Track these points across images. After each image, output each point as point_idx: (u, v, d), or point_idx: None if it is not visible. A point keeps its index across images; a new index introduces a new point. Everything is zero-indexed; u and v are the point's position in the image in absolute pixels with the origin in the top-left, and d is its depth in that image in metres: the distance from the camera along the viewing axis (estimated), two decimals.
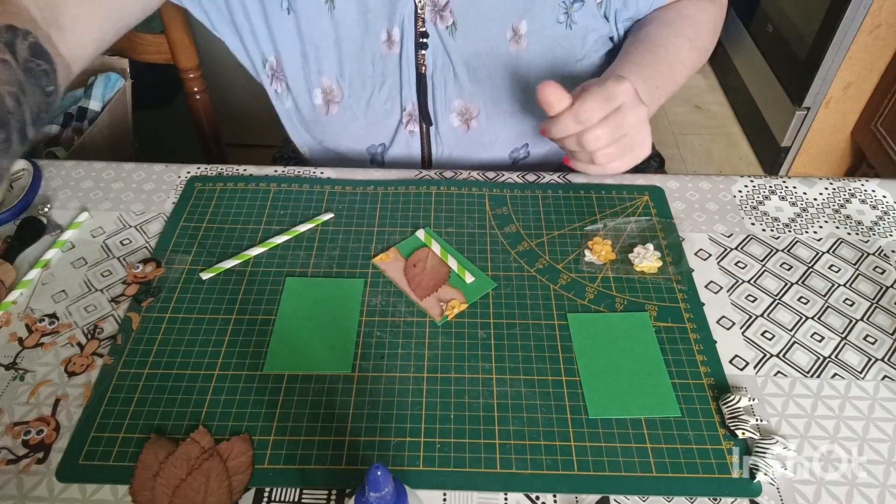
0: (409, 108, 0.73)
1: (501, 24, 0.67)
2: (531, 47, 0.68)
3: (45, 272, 0.61)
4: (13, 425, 0.49)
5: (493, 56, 0.68)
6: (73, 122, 1.06)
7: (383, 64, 0.69)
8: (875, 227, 0.66)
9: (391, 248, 0.62)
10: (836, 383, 0.53)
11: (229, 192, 0.68)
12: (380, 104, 0.72)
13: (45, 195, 0.68)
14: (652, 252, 0.61)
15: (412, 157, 0.77)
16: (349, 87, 0.71)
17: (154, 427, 0.49)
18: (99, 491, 0.46)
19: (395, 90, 0.71)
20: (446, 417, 0.50)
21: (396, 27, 0.67)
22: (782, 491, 0.46)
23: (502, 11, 0.66)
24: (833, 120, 1.75)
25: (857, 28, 1.54)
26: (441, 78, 0.70)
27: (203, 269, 0.60)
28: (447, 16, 0.66)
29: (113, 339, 0.55)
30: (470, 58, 0.69)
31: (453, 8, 0.66)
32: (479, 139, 0.75)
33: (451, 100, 0.72)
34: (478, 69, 0.69)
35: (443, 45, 0.68)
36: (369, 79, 0.70)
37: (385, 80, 0.71)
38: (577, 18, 0.68)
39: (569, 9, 0.67)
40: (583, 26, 0.69)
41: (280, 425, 0.49)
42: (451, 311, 0.57)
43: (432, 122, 0.74)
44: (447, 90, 0.71)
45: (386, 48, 0.68)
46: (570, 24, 0.67)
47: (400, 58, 0.69)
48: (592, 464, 0.47)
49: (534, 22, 0.67)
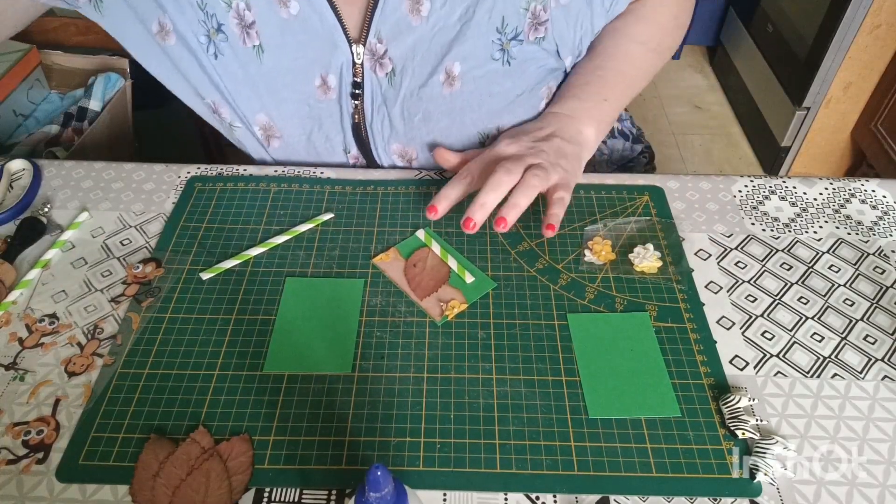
0: (354, 153, 0.73)
1: (434, 67, 0.64)
2: (465, 87, 0.65)
3: (45, 272, 0.61)
4: (13, 425, 0.49)
5: (427, 99, 0.66)
6: (73, 122, 1.06)
7: (319, 108, 0.68)
8: (875, 227, 0.66)
9: (391, 249, 0.62)
10: (836, 383, 0.53)
11: (229, 192, 0.68)
12: (320, 143, 0.71)
13: (45, 195, 0.68)
14: (652, 252, 0.61)
15: None
16: (287, 125, 0.70)
17: (154, 427, 0.49)
18: (99, 491, 0.46)
19: (335, 133, 0.70)
20: (446, 417, 0.50)
21: (333, 74, 0.66)
22: (782, 491, 0.46)
23: (437, 54, 0.64)
24: (833, 120, 1.75)
25: (857, 28, 1.54)
26: (378, 124, 0.69)
27: (203, 269, 0.60)
28: (386, 63, 0.64)
29: (113, 339, 0.55)
30: (405, 102, 0.67)
31: (392, 55, 0.64)
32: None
33: (390, 144, 0.71)
34: (413, 114, 0.68)
35: (381, 91, 0.66)
36: (307, 118, 0.69)
37: (322, 123, 0.69)
38: (515, 54, 0.64)
39: (505, 45, 0.63)
40: (520, 62, 0.65)
41: (280, 425, 0.49)
42: (451, 312, 0.57)
43: (378, 165, 0.73)
44: (385, 135, 0.70)
45: (321, 93, 0.67)
46: (507, 59, 0.64)
47: (339, 104, 0.68)
48: (592, 464, 0.47)
49: (466, 62, 0.64)
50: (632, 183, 0.70)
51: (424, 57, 0.64)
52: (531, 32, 0.63)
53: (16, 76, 1.01)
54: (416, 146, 0.71)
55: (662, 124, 2.14)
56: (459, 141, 0.70)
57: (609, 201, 0.67)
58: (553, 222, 0.58)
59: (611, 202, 0.67)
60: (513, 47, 0.63)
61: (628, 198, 0.68)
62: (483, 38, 0.62)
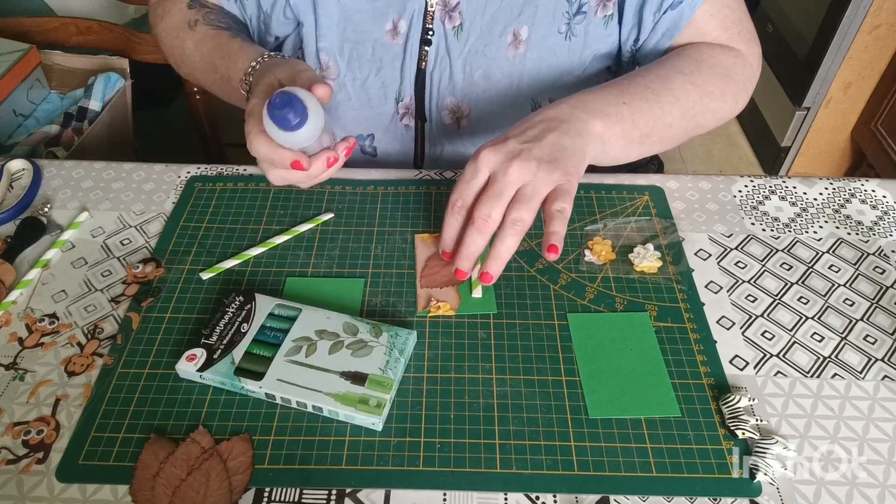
0: (407, 101, 0.73)
1: (504, 28, 0.67)
2: (529, 53, 0.68)
3: (45, 272, 0.61)
4: (13, 425, 0.49)
5: (490, 58, 0.69)
6: (73, 122, 1.06)
7: (383, 51, 0.70)
8: (875, 227, 0.66)
9: (438, 234, 0.59)
10: (836, 383, 0.53)
11: (229, 192, 0.68)
12: (375, 89, 0.73)
13: (45, 195, 0.68)
14: (652, 252, 0.61)
15: (405, 152, 0.77)
16: (346, 65, 0.71)
17: (154, 427, 0.49)
18: (99, 491, 0.46)
19: (392, 80, 0.72)
20: (446, 417, 0.50)
21: (404, 20, 0.68)
22: (782, 491, 0.46)
23: (507, 15, 0.67)
24: (833, 120, 1.75)
25: (857, 28, 1.54)
26: (438, 75, 0.71)
27: (203, 269, 0.60)
28: (455, 16, 0.67)
29: (113, 339, 0.55)
30: (468, 57, 0.69)
31: (462, 9, 0.67)
32: (470, 137, 0.75)
33: (445, 97, 0.72)
34: (474, 69, 0.70)
35: (445, 42, 0.69)
36: (367, 62, 0.71)
37: (382, 67, 0.71)
38: (577, 31, 0.68)
39: (570, 20, 0.67)
40: (581, 40, 0.68)
41: (280, 425, 0.49)
42: (435, 310, 0.57)
43: (426, 118, 0.74)
44: (441, 87, 0.72)
45: (389, 38, 0.69)
46: (569, 35, 0.67)
47: (404, 50, 0.70)
48: (592, 464, 0.47)
49: (535, 29, 0.67)
50: (632, 183, 0.70)
51: (494, 16, 0.67)
52: (600, 9, 0.67)
53: (16, 76, 1.01)
54: (469, 103, 0.72)
55: None
56: (514, 105, 0.72)
57: (609, 201, 0.67)
58: (555, 242, 0.52)
59: (611, 202, 0.67)
60: (576, 23, 0.67)
61: (628, 198, 0.68)
62: (552, 6, 0.66)
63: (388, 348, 0.52)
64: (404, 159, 0.78)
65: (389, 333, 0.53)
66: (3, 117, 1.00)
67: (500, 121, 0.73)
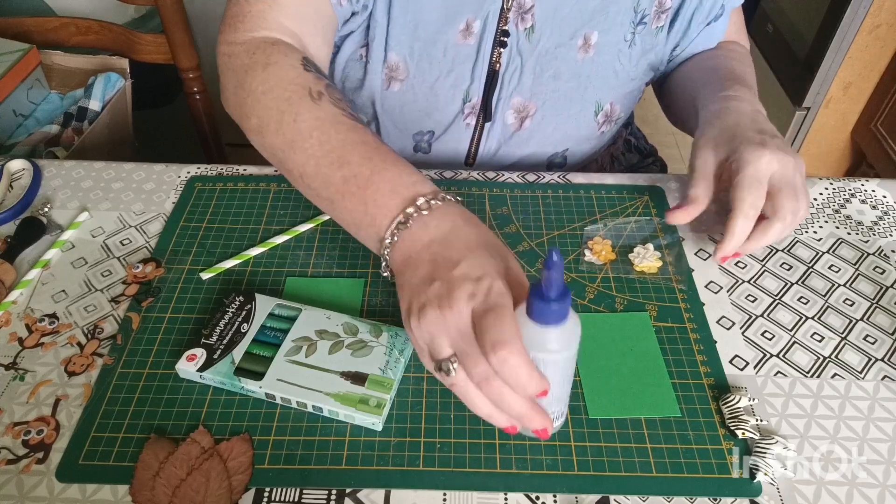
0: (475, 101, 0.73)
1: (574, 31, 0.69)
2: (597, 57, 0.71)
3: (45, 272, 0.61)
4: (13, 425, 0.49)
5: (560, 59, 0.70)
6: (73, 122, 1.06)
7: (455, 52, 0.70)
8: (875, 227, 0.66)
9: None
10: (836, 383, 0.53)
11: (229, 192, 0.68)
12: (444, 90, 0.73)
13: (45, 195, 0.68)
14: (652, 252, 0.61)
15: (459, 150, 0.78)
16: (416, 67, 0.71)
17: (154, 427, 0.49)
18: (99, 491, 0.46)
19: (462, 80, 0.72)
20: (446, 417, 0.50)
21: (478, 21, 0.68)
22: (782, 491, 0.46)
23: (579, 20, 0.69)
24: (833, 120, 1.75)
25: (857, 28, 1.54)
26: (510, 74, 0.71)
27: (203, 269, 0.60)
28: (528, 18, 0.68)
29: (113, 339, 0.55)
30: (539, 58, 0.70)
31: (536, 12, 0.68)
32: (528, 137, 0.76)
33: (513, 96, 0.73)
34: (544, 70, 0.71)
35: (516, 44, 0.70)
36: (437, 63, 0.71)
37: (452, 69, 0.71)
38: (636, 40, 0.71)
39: (634, 29, 0.70)
40: (639, 48, 0.72)
41: (280, 425, 0.49)
42: None
43: (491, 117, 0.74)
44: (511, 86, 0.72)
45: (461, 38, 0.69)
46: (632, 42, 0.71)
47: (476, 52, 0.70)
48: (592, 464, 0.47)
49: (605, 35, 0.70)
50: (632, 183, 0.70)
51: (565, 20, 0.68)
52: (655, 20, 0.72)
53: (16, 76, 1.01)
54: (537, 102, 0.73)
55: (662, 124, 2.14)
56: (578, 106, 0.74)
57: (609, 201, 0.67)
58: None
59: (611, 202, 0.67)
60: (638, 32, 0.71)
61: (628, 198, 0.68)
62: (622, 14, 0.69)
63: (388, 348, 0.52)
64: (456, 157, 0.78)
65: (389, 333, 0.53)
66: (3, 117, 1.00)
67: (563, 120, 0.74)
